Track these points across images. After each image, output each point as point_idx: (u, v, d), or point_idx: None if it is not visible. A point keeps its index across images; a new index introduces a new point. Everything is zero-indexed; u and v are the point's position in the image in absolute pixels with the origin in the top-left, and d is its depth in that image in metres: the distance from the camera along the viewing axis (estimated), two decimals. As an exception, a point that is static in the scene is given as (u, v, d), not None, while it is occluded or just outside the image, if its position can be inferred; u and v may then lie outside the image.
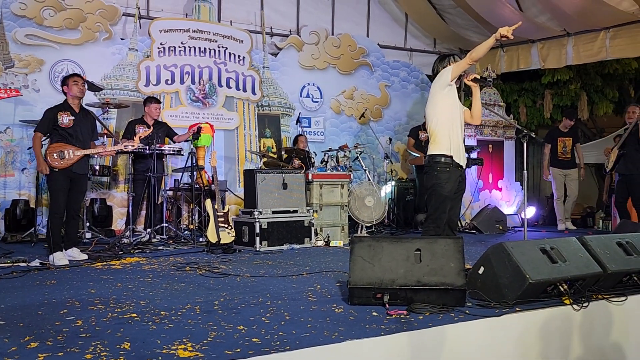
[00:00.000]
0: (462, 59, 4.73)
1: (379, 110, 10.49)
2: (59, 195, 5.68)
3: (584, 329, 3.65)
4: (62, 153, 5.67)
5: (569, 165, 9.41)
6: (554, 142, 9.45)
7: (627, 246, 4.26)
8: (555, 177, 9.43)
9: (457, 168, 4.76)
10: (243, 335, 2.95)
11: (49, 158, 5.61)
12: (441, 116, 4.72)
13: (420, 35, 11.05)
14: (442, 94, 4.73)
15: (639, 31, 8.63)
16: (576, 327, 3.62)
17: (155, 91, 8.40)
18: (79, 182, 5.89)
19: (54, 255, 5.50)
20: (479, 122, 5.14)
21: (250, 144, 9.16)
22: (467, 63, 4.62)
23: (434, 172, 4.75)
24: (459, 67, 4.66)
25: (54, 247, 5.56)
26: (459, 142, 4.79)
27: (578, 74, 12.37)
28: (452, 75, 4.66)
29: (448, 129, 4.71)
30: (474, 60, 4.61)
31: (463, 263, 3.68)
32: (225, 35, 9.05)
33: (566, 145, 9.38)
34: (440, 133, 4.72)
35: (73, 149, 5.73)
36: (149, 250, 6.55)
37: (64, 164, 5.66)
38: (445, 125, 4.71)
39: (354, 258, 3.73)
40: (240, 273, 5.02)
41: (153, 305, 3.69)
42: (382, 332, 3.01)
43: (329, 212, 7.54)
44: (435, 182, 4.74)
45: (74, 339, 2.88)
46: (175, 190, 7.86)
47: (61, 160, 5.65)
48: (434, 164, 4.74)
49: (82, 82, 5.91)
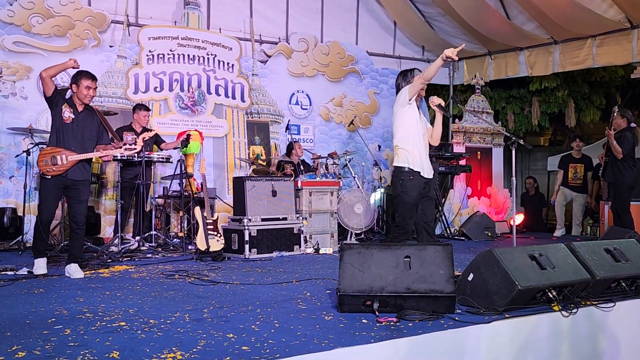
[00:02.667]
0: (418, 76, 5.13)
1: (368, 118, 10.52)
2: (47, 203, 5.29)
3: (573, 335, 3.67)
4: (55, 158, 5.21)
5: (579, 190, 9.66)
6: (565, 168, 9.72)
7: (615, 252, 4.30)
8: (563, 192, 9.66)
9: (420, 177, 5.17)
10: (233, 344, 2.94)
11: (40, 164, 5.20)
12: (403, 132, 5.15)
13: (409, 43, 11.10)
14: (402, 111, 5.13)
15: (625, 39, 8.72)
16: (565, 334, 3.64)
17: (144, 98, 8.38)
18: (77, 189, 5.38)
19: (35, 261, 5.30)
20: (436, 143, 5.55)
21: (239, 151, 9.15)
22: (420, 83, 5.02)
23: (399, 182, 5.17)
24: (414, 87, 5.05)
25: (36, 254, 5.35)
26: (421, 155, 5.19)
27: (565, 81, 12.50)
28: (410, 95, 5.06)
29: (410, 143, 5.12)
30: (427, 80, 5.02)
31: (452, 270, 3.69)
32: (214, 42, 9.05)
33: (577, 172, 9.59)
34: (402, 147, 5.15)
35: (67, 154, 5.25)
36: (137, 258, 6.51)
37: (56, 170, 5.21)
38: (406, 140, 5.13)
39: (343, 265, 3.73)
40: (230, 281, 5.00)
41: (142, 313, 3.67)
42: (372, 340, 3.01)
43: (318, 219, 7.54)
44: (401, 190, 5.16)
45: (63, 348, 2.86)
46: (165, 197, 7.83)
47: (53, 166, 5.20)
48: (398, 174, 5.17)
49: (95, 89, 5.47)
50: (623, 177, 7.83)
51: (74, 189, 5.39)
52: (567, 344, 3.63)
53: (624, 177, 7.82)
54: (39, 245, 5.38)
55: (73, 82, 5.42)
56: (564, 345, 3.62)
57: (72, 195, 5.40)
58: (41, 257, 5.36)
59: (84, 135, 5.42)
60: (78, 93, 5.40)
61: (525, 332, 3.47)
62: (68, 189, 5.38)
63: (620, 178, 7.84)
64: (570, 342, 3.65)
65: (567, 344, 3.63)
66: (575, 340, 3.67)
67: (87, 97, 5.41)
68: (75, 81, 5.41)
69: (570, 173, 9.63)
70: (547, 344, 3.56)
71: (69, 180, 5.32)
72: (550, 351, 3.56)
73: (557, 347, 3.60)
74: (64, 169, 5.26)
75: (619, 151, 7.71)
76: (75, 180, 5.35)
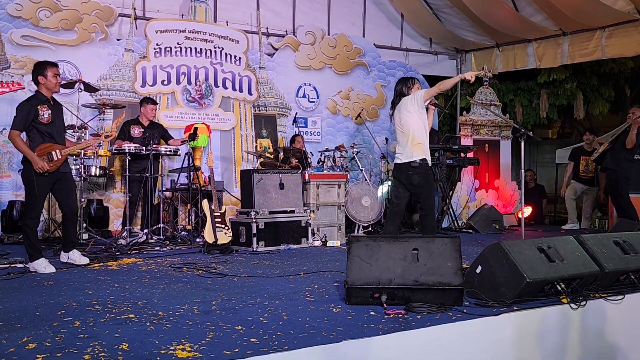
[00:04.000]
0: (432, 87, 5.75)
1: (375, 110, 10.49)
2: (41, 200, 5.23)
3: (582, 328, 3.66)
4: (51, 155, 5.20)
5: (589, 184, 9.67)
6: (576, 161, 9.70)
7: (625, 245, 4.28)
8: (573, 186, 9.66)
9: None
10: (241, 336, 2.95)
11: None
12: (418, 129, 5.69)
13: (416, 35, 11.05)
14: (419, 112, 5.70)
15: (634, 30, 8.65)
16: (574, 326, 3.62)
17: (152, 92, 8.39)
18: (67, 181, 5.42)
19: (37, 262, 5.10)
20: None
21: (246, 144, 9.15)
22: (436, 92, 5.64)
23: (428, 172, 5.77)
24: (429, 93, 5.68)
25: (34, 254, 5.14)
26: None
27: (574, 73, 12.42)
28: (425, 99, 5.68)
29: (424, 138, 5.71)
30: (442, 91, 5.67)
31: (460, 262, 3.69)
32: (221, 35, 9.04)
33: (588, 164, 9.54)
34: (420, 142, 5.70)
35: (59, 149, 5.27)
36: (146, 251, 6.54)
37: (53, 166, 5.21)
38: (422, 136, 5.69)
39: (351, 258, 3.73)
40: (238, 273, 5.02)
41: (151, 305, 3.69)
42: (380, 332, 3.02)
43: (325, 212, 7.55)
44: (430, 179, 5.84)
45: (72, 340, 2.88)
46: (172, 190, 7.85)
47: (50, 162, 5.18)
48: (425, 165, 5.71)
49: (60, 75, 5.37)
50: (620, 167, 7.88)
51: (64, 181, 5.41)
52: (575, 337, 3.62)
53: (621, 166, 7.88)
54: (36, 243, 5.21)
55: (39, 74, 5.29)
56: (573, 337, 3.61)
57: (63, 187, 5.41)
58: (41, 257, 5.17)
59: (61, 126, 5.47)
60: (47, 83, 5.29)
61: (534, 325, 3.46)
62: (59, 182, 5.37)
63: (617, 166, 7.89)
64: (579, 335, 3.63)
65: (575, 336, 3.62)
66: (584, 333, 3.66)
67: (56, 86, 5.36)
68: (41, 72, 5.28)
69: (581, 166, 9.59)
70: (556, 337, 3.55)
71: (60, 173, 5.35)
72: (559, 344, 3.55)
73: (565, 340, 3.59)
74: (59, 163, 5.30)
75: (633, 140, 7.74)
76: (64, 172, 5.41)
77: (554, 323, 3.55)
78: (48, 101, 5.33)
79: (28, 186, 5.23)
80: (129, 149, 6.98)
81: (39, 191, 5.17)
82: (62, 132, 5.49)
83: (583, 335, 3.66)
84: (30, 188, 5.19)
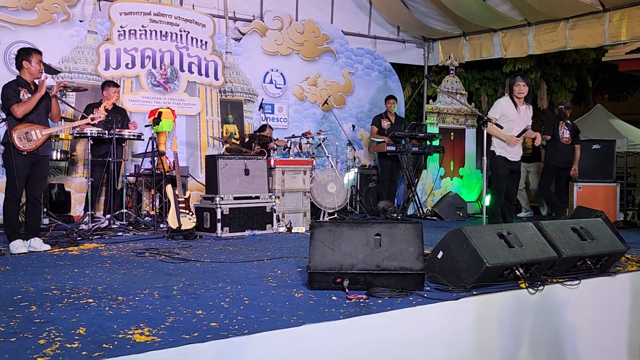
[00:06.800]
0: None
1: (343, 97, 10.49)
2: (20, 180, 5.22)
3: (539, 312, 3.73)
4: (29, 134, 5.20)
5: (528, 160, 9.66)
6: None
7: (582, 231, 4.38)
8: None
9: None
10: (201, 320, 2.93)
11: (15, 141, 5.14)
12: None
13: (384, 23, 11.05)
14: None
15: (597, 22, 8.78)
16: (531, 310, 3.70)
17: (115, 75, 8.24)
18: (41, 165, 5.43)
19: (12, 243, 5.21)
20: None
21: (212, 129, 9.07)
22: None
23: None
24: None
25: (12, 235, 5.27)
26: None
27: (538, 63, 12.58)
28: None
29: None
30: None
31: (422, 247, 3.72)
32: (187, 19, 8.91)
33: (525, 142, 9.60)
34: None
35: (40, 128, 5.28)
36: (108, 236, 6.46)
37: (32, 145, 5.21)
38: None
39: (314, 243, 3.74)
40: (201, 259, 4.99)
41: (110, 290, 3.64)
42: (341, 316, 3.03)
43: (291, 199, 7.53)
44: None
45: (28, 325, 2.83)
46: (136, 175, 7.75)
47: (28, 142, 5.18)
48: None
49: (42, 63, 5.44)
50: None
51: (40, 165, 5.42)
52: (532, 321, 3.69)
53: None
54: (14, 225, 5.31)
55: (24, 59, 5.36)
56: (530, 321, 3.68)
57: (37, 172, 5.41)
58: (18, 238, 5.27)
59: (40, 112, 5.44)
60: (30, 69, 5.36)
61: (492, 309, 3.52)
62: (35, 165, 5.35)
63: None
64: (536, 318, 3.71)
65: (532, 320, 3.69)
66: (541, 317, 3.74)
67: (40, 72, 5.41)
68: (26, 58, 5.36)
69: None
70: (514, 320, 3.62)
71: (38, 156, 5.34)
72: (517, 328, 3.62)
73: (523, 324, 3.66)
74: (39, 143, 5.29)
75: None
76: (43, 155, 5.41)
77: (512, 307, 3.62)
78: (29, 85, 5.39)
79: (7, 167, 5.30)
80: (91, 132, 6.86)
81: (17, 172, 5.21)
82: (43, 116, 5.48)
83: (540, 319, 3.73)
84: (9, 169, 5.26)
